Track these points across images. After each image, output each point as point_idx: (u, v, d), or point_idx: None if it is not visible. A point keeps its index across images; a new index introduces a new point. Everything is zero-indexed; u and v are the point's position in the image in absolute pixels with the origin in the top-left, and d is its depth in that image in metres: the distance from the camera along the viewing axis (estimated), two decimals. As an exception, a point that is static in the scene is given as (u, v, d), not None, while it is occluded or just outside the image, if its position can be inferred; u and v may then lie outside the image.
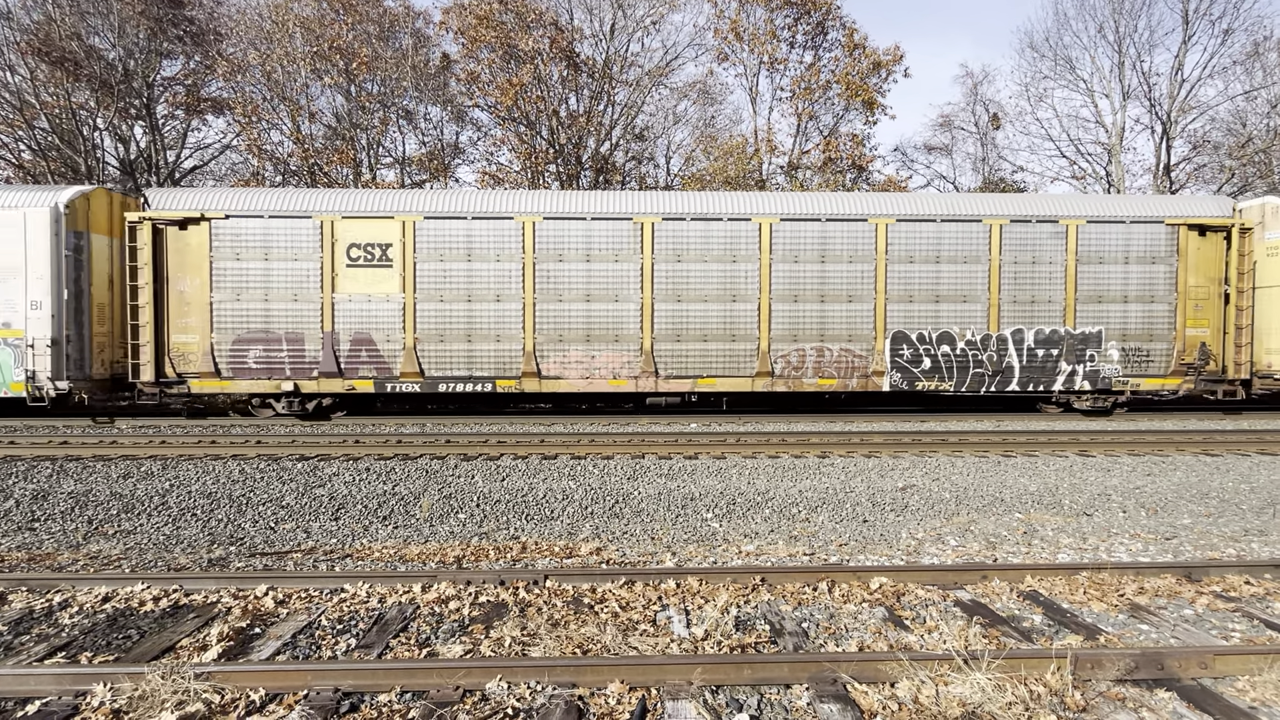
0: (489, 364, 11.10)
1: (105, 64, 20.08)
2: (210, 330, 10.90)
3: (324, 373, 10.96)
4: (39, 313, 10.44)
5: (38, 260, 10.42)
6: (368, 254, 11.02)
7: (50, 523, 6.11)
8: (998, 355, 11.40)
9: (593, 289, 11.17)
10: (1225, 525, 6.09)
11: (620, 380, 11.18)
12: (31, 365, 10.37)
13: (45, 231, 10.45)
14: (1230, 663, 3.17)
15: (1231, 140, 22.92)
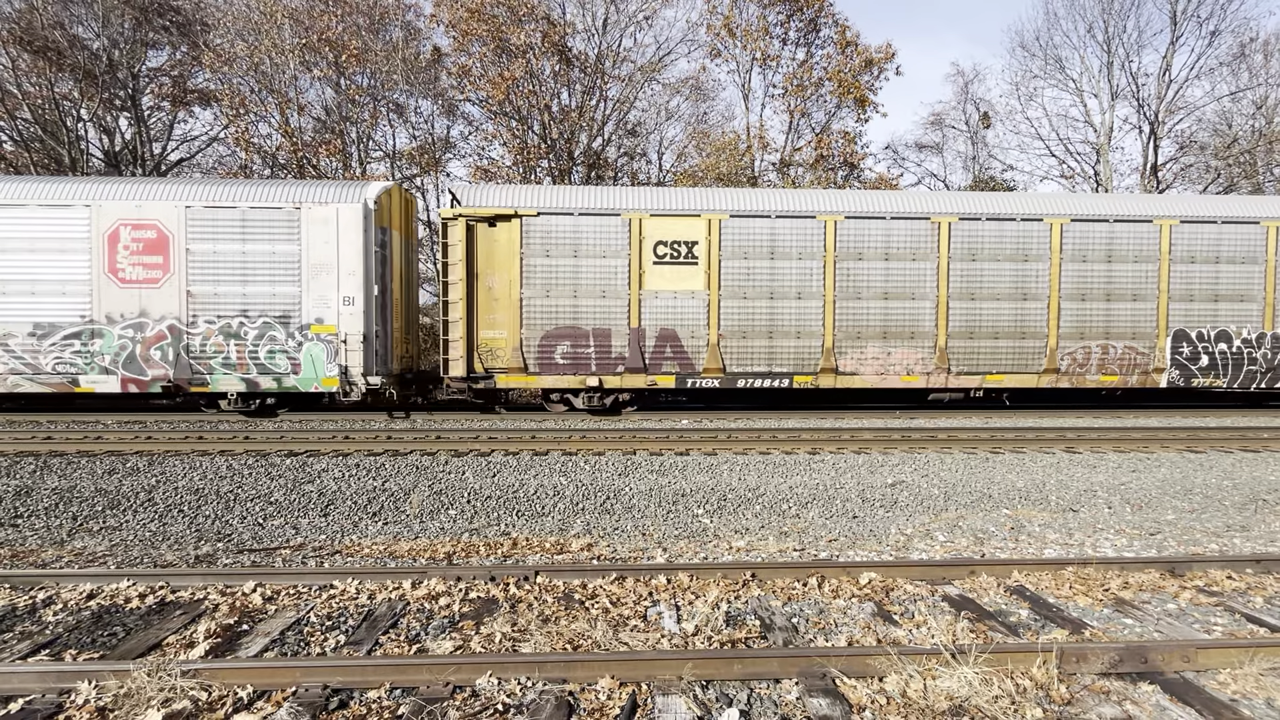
0: (788, 360, 11.30)
1: (89, 54, 19.75)
2: (519, 326, 10.98)
3: (630, 368, 11.12)
4: (351, 309, 10.58)
5: (350, 257, 10.56)
6: (674, 251, 11.18)
7: (34, 519, 6.03)
8: (1271, 353, 11.70)
9: (890, 287, 11.37)
10: (1208, 521, 6.17)
11: (913, 376, 11.44)
12: (344, 360, 10.54)
13: (357, 228, 10.57)
14: (1212, 656, 3.22)
15: (1217, 141, 23.18)
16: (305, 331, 10.52)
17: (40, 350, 10.31)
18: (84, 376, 10.35)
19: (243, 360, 10.46)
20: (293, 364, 10.51)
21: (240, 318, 10.47)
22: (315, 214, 10.51)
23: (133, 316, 10.38)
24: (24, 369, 10.31)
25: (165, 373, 10.38)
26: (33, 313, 10.33)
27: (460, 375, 10.83)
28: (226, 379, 10.48)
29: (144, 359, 10.38)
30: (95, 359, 10.31)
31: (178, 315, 10.40)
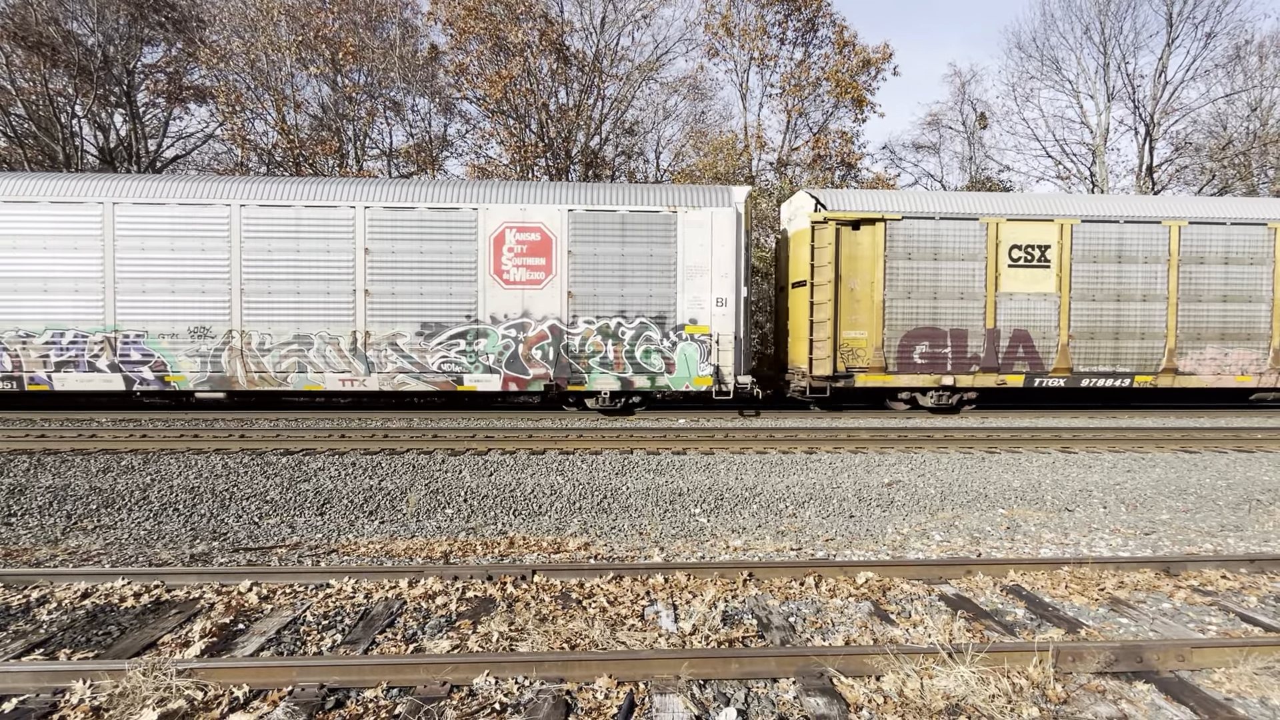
0: (1131, 360, 11.66)
1: (84, 50, 19.63)
2: (881, 327, 11.32)
3: (984, 367, 11.45)
4: (724, 310, 10.94)
5: (723, 259, 10.92)
6: (1027, 255, 11.53)
7: (28, 518, 6.00)
8: None
9: (1229, 290, 11.74)
10: (1203, 521, 6.20)
11: (1246, 377, 11.80)
12: (716, 360, 10.94)
13: (730, 231, 10.95)
14: (1207, 655, 3.24)
15: (1212, 142, 23.28)
16: (679, 331, 10.95)
17: (427, 350, 10.65)
18: (468, 375, 10.78)
19: (619, 360, 10.91)
20: (667, 363, 10.95)
21: (618, 318, 10.91)
22: (690, 218, 10.92)
23: (515, 317, 10.81)
24: (411, 368, 10.72)
25: (546, 372, 10.85)
26: (420, 313, 10.69)
27: (826, 374, 11.25)
28: (603, 378, 10.92)
29: (525, 358, 10.83)
30: (479, 358, 10.75)
31: (559, 316, 10.83)
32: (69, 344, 10.36)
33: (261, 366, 10.59)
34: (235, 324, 10.54)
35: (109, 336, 10.37)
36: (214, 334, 10.54)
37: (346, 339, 10.63)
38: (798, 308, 11.81)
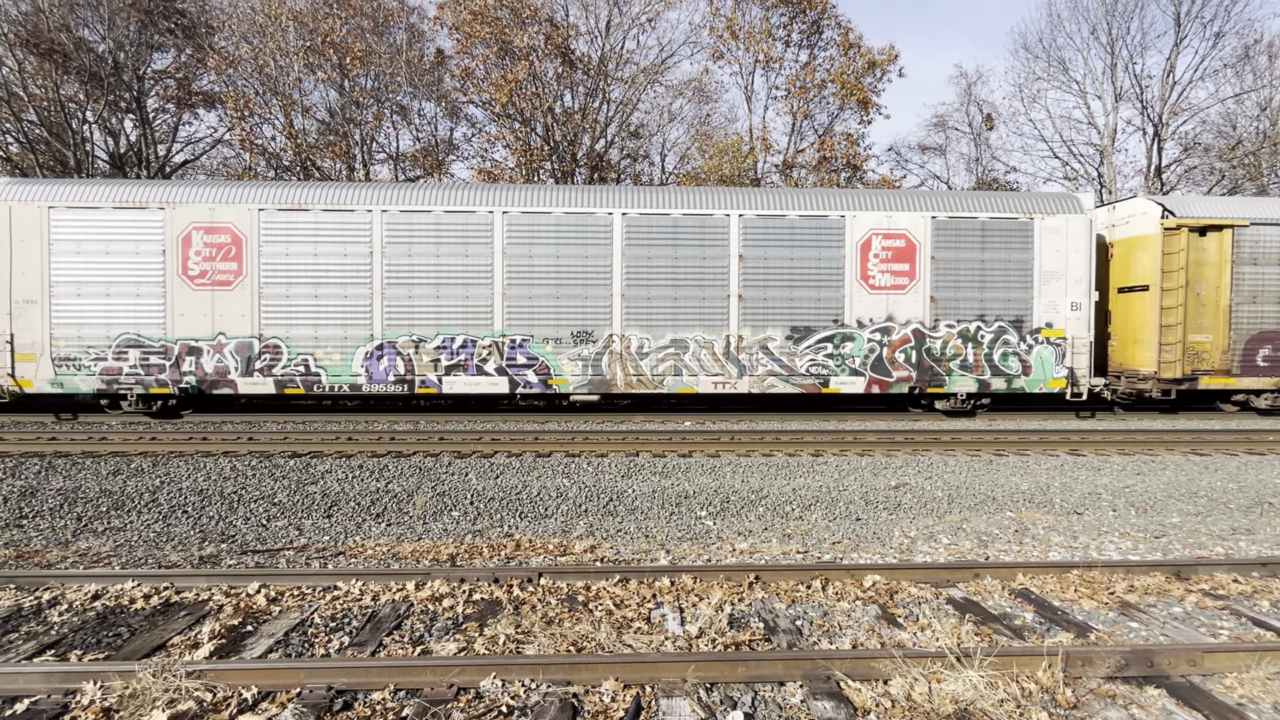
0: None
1: (95, 56, 19.85)
2: (1226, 331, 11.49)
3: None
4: (1077, 314, 11.21)
5: (1077, 265, 11.18)
6: None
7: (39, 520, 6.05)
8: None
9: None
10: (1213, 524, 6.15)
11: None
12: (1070, 363, 11.20)
13: (1084, 237, 11.19)
14: (1219, 660, 3.21)
15: (1222, 143, 23.12)
16: (1035, 335, 11.18)
17: (795, 353, 10.96)
18: (834, 378, 11.08)
19: (978, 362, 11.14)
20: (1023, 366, 11.17)
21: (977, 322, 11.15)
22: (1047, 224, 11.18)
23: (880, 321, 11.10)
24: (780, 370, 11.05)
25: (909, 374, 11.11)
26: (790, 317, 11.05)
27: (1174, 377, 11.40)
28: (962, 380, 11.16)
29: (890, 361, 11.09)
30: (845, 361, 11.05)
31: (921, 319, 11.12)
32: (459, 348, 10.82)
33: (639, 370, 10.96)
34: (616, 328, 10.94)
35: (496, 341, 10.84)
36: (595, 338, 10.93)
37: (720, 342, 11.01)
38: (1133, 311, 11.91)
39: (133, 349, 10.51)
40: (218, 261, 10.61)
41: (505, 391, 10.88)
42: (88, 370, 10.49)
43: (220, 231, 10.62)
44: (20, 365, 10.40)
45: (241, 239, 10.63)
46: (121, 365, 10.52)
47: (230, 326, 10.61)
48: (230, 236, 10.63)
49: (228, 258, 10.62)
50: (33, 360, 10.42)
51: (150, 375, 10.56)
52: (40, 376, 10.44)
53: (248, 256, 10.63)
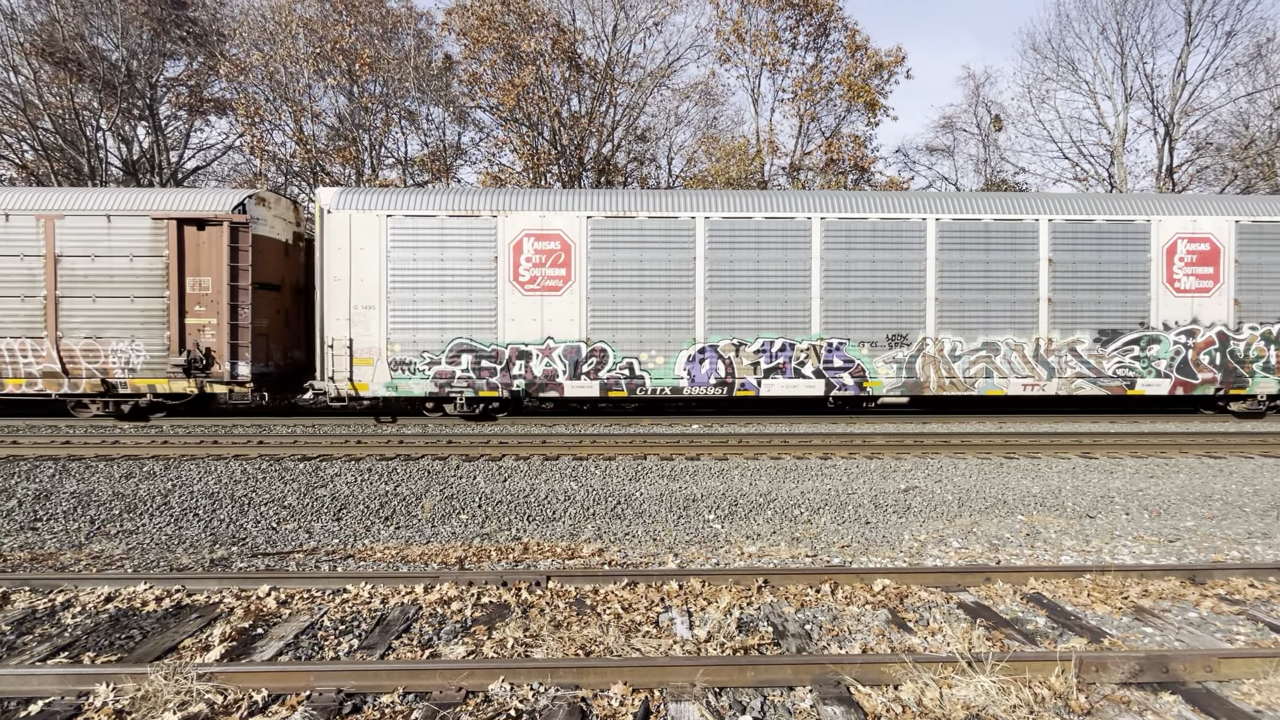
0: None
1: (108, 65, 20.12)
2: None
3: None
4: None
5: None
6: None
7: (53, 522, 6.11)
8: None
9: None
10: (1229, 528, 6.07)
11: None
12: None
13: None
14: (1235, 666, 3.16)
15: (1234, 142, 22.89)
16: None
17: (1103, 355, 11.15)
18: (1140, 380, 11.21)
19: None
20: None
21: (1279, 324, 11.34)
22: None
23: (1185, 324, 11.27)
24: (1088, 373, 11.19)
25: (1213, 376, 11.24)
26: (1097, 320, 11.21)
27: None
28: (1264, 382, 11.28)
29: (1194, 363, 11.24)
30: (1151, 364, 11.18)
31: (1225, 322, 11.27)
32: (778, 351, 11.06)
33: (952, 372, 11.13)
34: (929, 331, 11.13)
35: (814, 344, 11.08)
36: (909, 341, 11.13)
37: (1030, 345, 11.17)
38: None
39: (465, 353, 10.86)
40: (547, 268, 10.93)
41: (821, 394, 11.15)
42: (421, 374, 10.82)
43: (550, 238, 10.93)
44: (358, 370, 10.75)
45: (570, 245, 10.94)
46: (454, 369, 10.85)
47: (558, 331, 10.92)
48: (560, 243, 10.94)
49: (557, 264, 10.93)
50: (370, 364, 10.75)
51: (481, 379, 10.88)
52: (377, 380, 10.77)
53: (576, 262, 10.94)
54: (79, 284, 10.64)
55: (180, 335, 10.59)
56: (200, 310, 10.65)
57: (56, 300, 10.60)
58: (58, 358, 10.55)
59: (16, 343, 10.62)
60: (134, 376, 10.68)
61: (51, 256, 10.59)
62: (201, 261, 10.63)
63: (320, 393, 10.80)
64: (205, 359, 10.57)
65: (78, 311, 10.65)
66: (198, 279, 10.62)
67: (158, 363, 10.67)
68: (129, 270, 10.63)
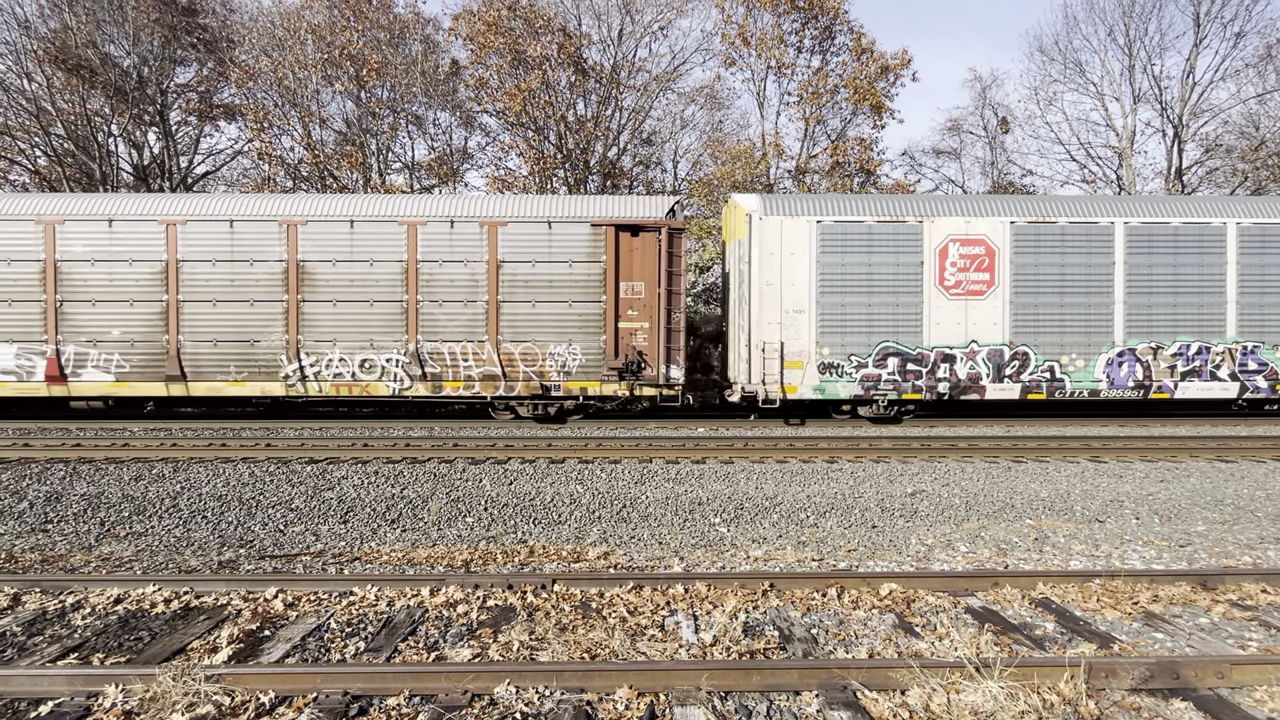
0: None
1: (120, 71, 20.34)
2: None
3: None
4: None
5: None
6: None
7: (63, 524, 6.16)
8: None
9: None
10: (1240, 533, 6.01)
11: None
12: None
13: None
14: (1248, 672, 3.13)
15: (1244, 143, 22.71)
16: None
17: None
18: None
19: None
20: None
21: None
22: None
23: None
24: None
25: None
26: None
27: None
28: None
29: None
30: None
31: None
32: (1194, 354, 11.22)
33: None
34: None
35: (1229, 348, 11.20)
36: None
37: None
38: None
39: (891, 357, 11.13)
40: (971, 272, 11.18)
41: (1233, 396, 11.27)
42: (849, 377, 11.12)
43: (974, 243, 11.18)
44: (788, 373, 11.03)
45: (994, 250, 11.16)
46: (880, 373, 11.13)
47: (982, 335, 11.15)
48: (984, 248, 11.19)
49: (980, 269, 11.17)
50: (799, 368, 11.05)
51: (906, 381, 11.14)
52: (805, 383, 11.06)
53: (999, 267, 11.15)
54: (519, 289, 11.02)
55: (615, 339, 10.93)
56: (633, 315, 11.04)
57: (498, 305, 10.98)
58: (498, 361, 10.93)
59: (459, 346, 10.98)
60: (568, 379, 11.04)
61: (494, 263, 10.99)
62: (634, 267, 11.01)
63: (749, 395, 11.09)
64: (639, 362, 10.92)
65: (518, 316, 11.01)
66: (630, 284, 11.03)
67: (593, 366, 11.02)
68: (568, 276, 11.00)
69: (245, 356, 10.92)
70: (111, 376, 10.83)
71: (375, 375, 10.96)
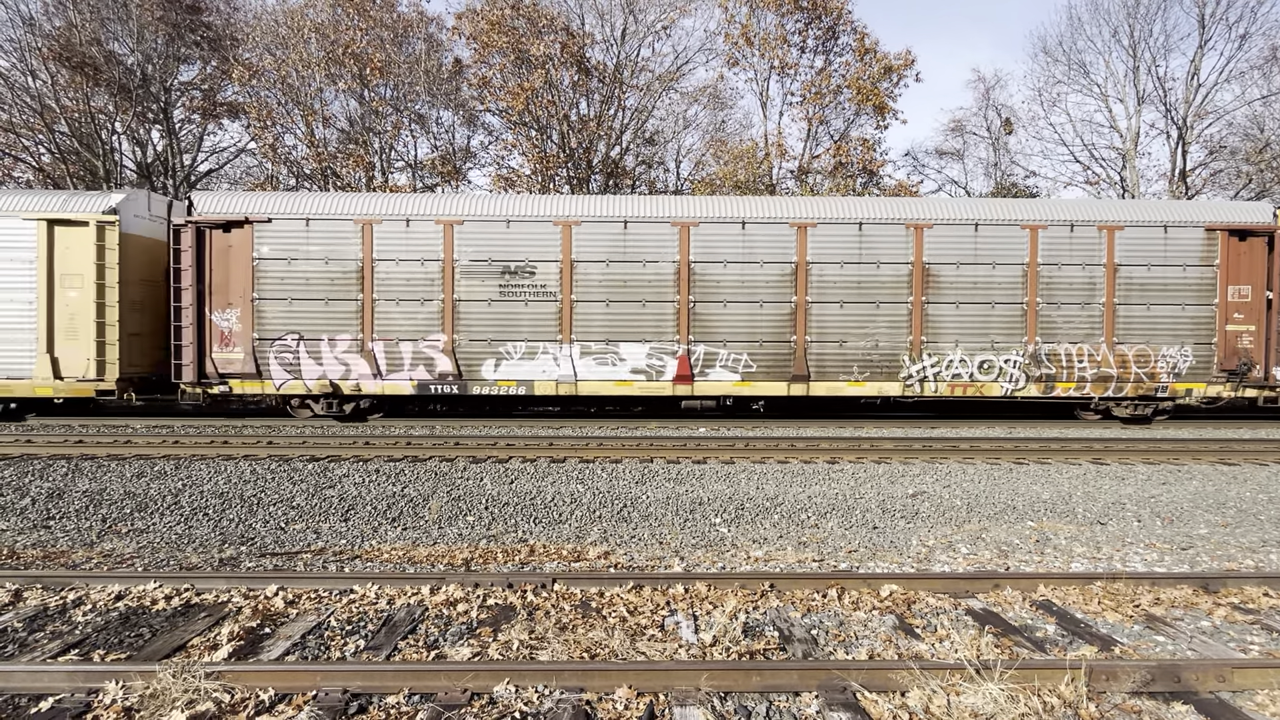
0: None
1: (124, 69, 20.39)
2: None
3: None
4: None
5: None
6: None
7: (65, 521, 6.18)
8: None
9: None
10: (1243, 536, 5.99)
11: None
12: None
13: None
14: (1249, 676, 3.11)
15: (1249, 145, 22.65)
16: None
17: None
18: None
19: None
20: None
21: None
22: None
23: None
24: None
25: None
26: None
27: None
28: None
29: None
30: None
31: None
32: None
33: None
34: None
35: None
36: None
37: None
38: None
39: None
40: None
41: None
42: None
43: None
44: None
45: None
46: None
47: None
48: None
49: None
50: None
51: None
52: None
53: None
54: (1134, 292, 11.31)
55: (1224, 342, 11.24)
56: (1239, 318, 11.30)
57: (1114, 307, 11.29)
58: (1112, 362, 11.21)
59: (1075, 348, 11.26)
60: (1176, 381, 11.30)
61: (1111, 266, 11.28)
62: (1241, 270, 11.25)
63: None
64: (1248, 364, 11.17)
65: (1133, 319, 11.31)
66: (1237, 288, 11.27)
67: (1201, 368, 11.30)
68: (1181, 280, 11.30)
69: (867, 357, 11.24)
70: (737, 376, 11.19)
71: (992, 376, 11.32)
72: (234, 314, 10.94)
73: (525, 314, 11.10)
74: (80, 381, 10.78)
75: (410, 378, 11.07)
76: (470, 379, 11.11)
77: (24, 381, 10.82)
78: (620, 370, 11.13)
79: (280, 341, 10.96)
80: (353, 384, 11.03)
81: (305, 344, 10.97)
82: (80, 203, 11.05)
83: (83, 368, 10.77)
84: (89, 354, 10.74)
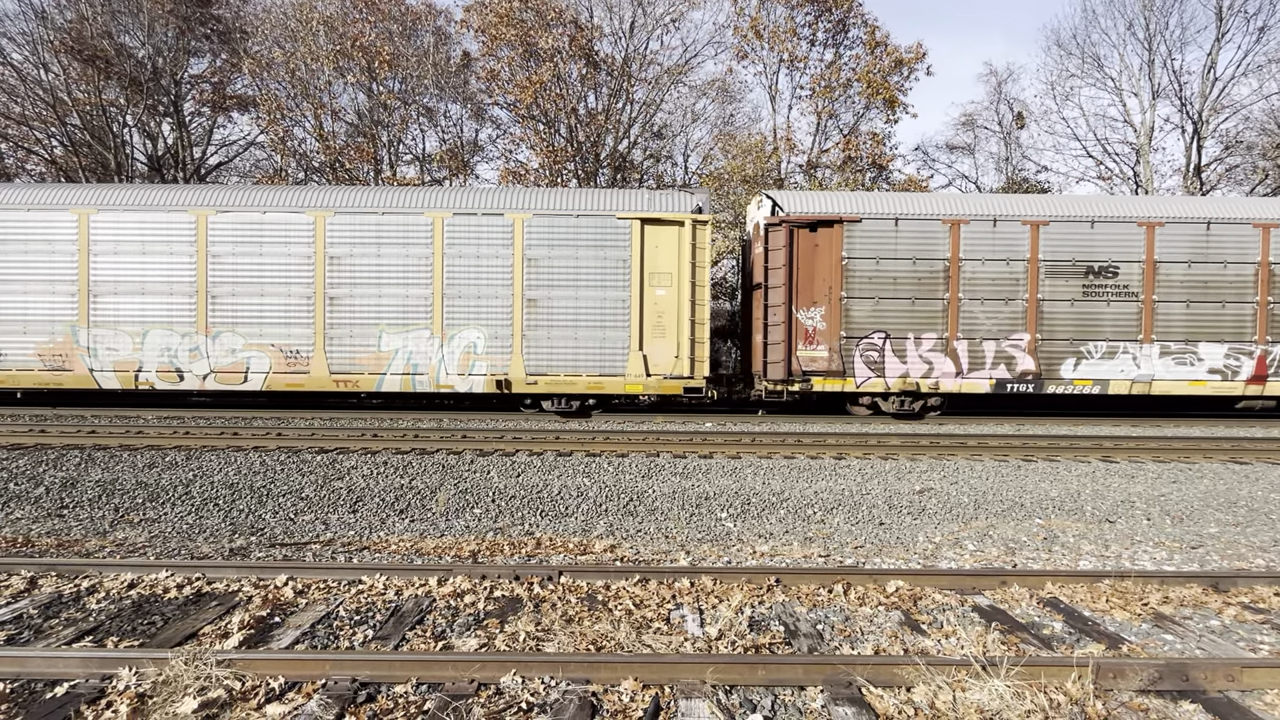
0: None
1: (135, 62, 20.48)
2: None
3: None
4: None
5: None
6: None
7: (79, 510, 6.26)
8: None
9: None
10: (1254, 535, 5.94)
11: None
12: None
13: None
14: (1259, 675, 3.10)
15: (1265, 140, 22.32)
16: None
17: None
18: None
19: None
20: None
21: None
22: None
23: None
24: None
25: None
26: None
27: None
28: None
29: None
30: None
31: None
32: None
33: None
34: None
35: None
36: None
37: None
38: None
39: None
40: None
41: None
42: None
43: None
44: None
45: None
46: None
47: None
48: None
49: None
50: None
51: None
52: None
53: None
54: None
55: None
56: None
57: None
58: None
59: None
60: None
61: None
62: None
63: None
64: None
65: None
66: None
67: None
68: None
69: None
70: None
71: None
72: (818, 312, 11.25)
73: (1107, 314, 11.31)
74: (667, 379, 11.05)
75: (990, 376, 11.30)
76: (1048, 378, 11.32)
77: (616, 379, 11.13)
78: (1198, 370, 11.32)
79: (867, 340, 11.20)
80: (932, 382, 11.25)
81: (891, 342, 11.20)
82: (666, 201, 11.29)
83: (670, 365, 11.05)
84: (678, 351, 11.02)
